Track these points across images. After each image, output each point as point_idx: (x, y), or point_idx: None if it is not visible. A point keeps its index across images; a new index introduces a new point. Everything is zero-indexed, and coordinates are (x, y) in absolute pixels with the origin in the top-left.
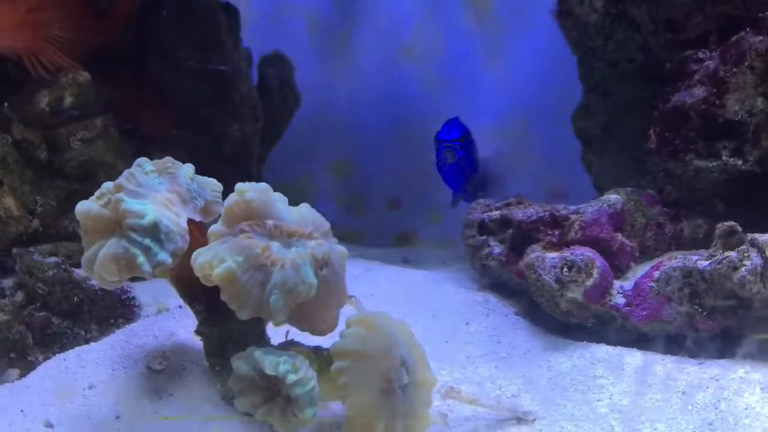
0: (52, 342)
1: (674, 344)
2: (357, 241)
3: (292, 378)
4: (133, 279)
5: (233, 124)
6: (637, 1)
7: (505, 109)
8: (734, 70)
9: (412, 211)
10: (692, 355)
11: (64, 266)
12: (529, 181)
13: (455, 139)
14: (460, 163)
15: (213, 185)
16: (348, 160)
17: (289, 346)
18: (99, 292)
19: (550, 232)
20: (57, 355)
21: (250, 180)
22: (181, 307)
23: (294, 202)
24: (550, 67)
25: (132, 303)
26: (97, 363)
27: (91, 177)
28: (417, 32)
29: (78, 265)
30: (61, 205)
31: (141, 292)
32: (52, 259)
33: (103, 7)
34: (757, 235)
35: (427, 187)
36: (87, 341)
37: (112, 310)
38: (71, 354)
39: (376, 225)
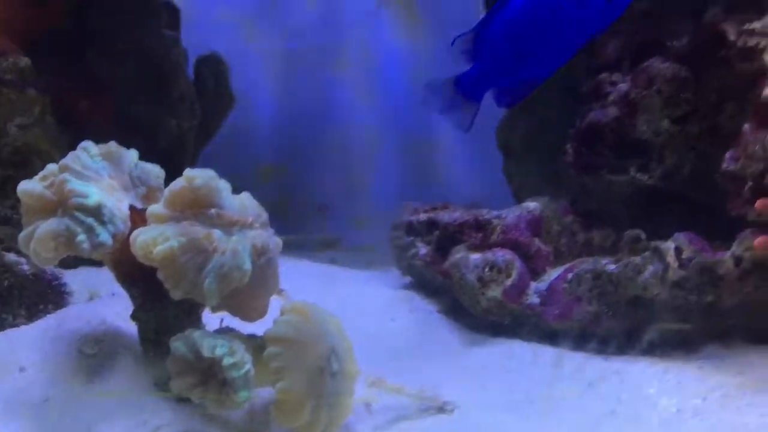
0: None
1: (583, 340)
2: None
3: (228, 360)
4: (66, 266)
5: (170, 120)
6: None
7: (430, 121)
8: (644, 93)
9: (337, 217)
10: (599, 350)
11: None
12: (451, 193)
13: None
14: None
15: (156, 172)
16: (277, 164)
17: (224, 332)
18: (30, 277)
19: (473, 235)
20: None
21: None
22: (113, 294)
23: None
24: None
25: (63, 289)
26: (29, 346)
27: (26, 164)
28: (348, 42)
29: (10, 250)
30: None
31: (71, 279)
32: None
33: None
34: (659, 243)
35: (351, 194)
36: (15, 326)
37: (43, 296)
38: (1, 337)
39: (302, 229)
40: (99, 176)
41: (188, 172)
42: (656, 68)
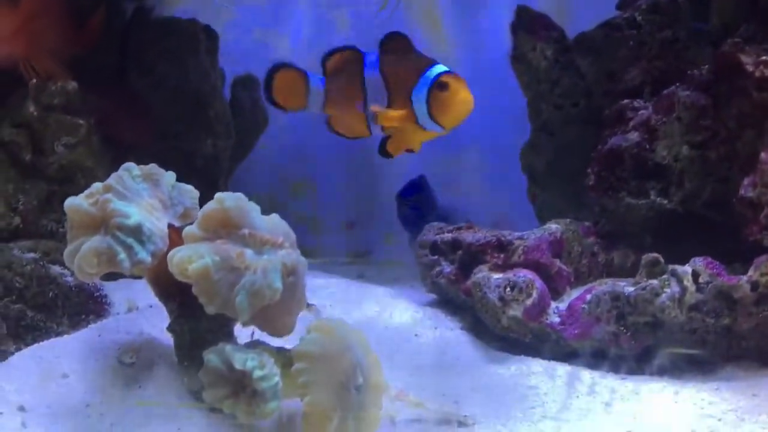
0: (26, 333)
1: (601, 360)
2: (313, 257)
3: (258, 373)
4: (107, 278)
5: (206, 139)
6: (582, 53)
7: (460, 139)
8: (664, 119)
9: (366, 232)
10: (616, 370)
11: (41, 262)
12: (479, 208)
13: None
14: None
15: (192, 193)
16: (307, 180)
17: (255, 345)
18: (73, 289)
19: (496, 255)
20: (30, 346)
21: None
22: (151, 306)
23: None
24: (502, 105)
25: (104, 300)
26: (71, 355)
27: (70, 180)
28: None
29: (54, 263)
30: (41, 205)
31: (112, 290)
32: (31, 255)
33: (80, 18)
34: (677, 267)
35: (380, 210)
36: (59, 334)
37: (84, 306)
38: (45, 345)
39: (331, 244)
40: (139, 196)
41: (219, 194)
42: (677, 95)
